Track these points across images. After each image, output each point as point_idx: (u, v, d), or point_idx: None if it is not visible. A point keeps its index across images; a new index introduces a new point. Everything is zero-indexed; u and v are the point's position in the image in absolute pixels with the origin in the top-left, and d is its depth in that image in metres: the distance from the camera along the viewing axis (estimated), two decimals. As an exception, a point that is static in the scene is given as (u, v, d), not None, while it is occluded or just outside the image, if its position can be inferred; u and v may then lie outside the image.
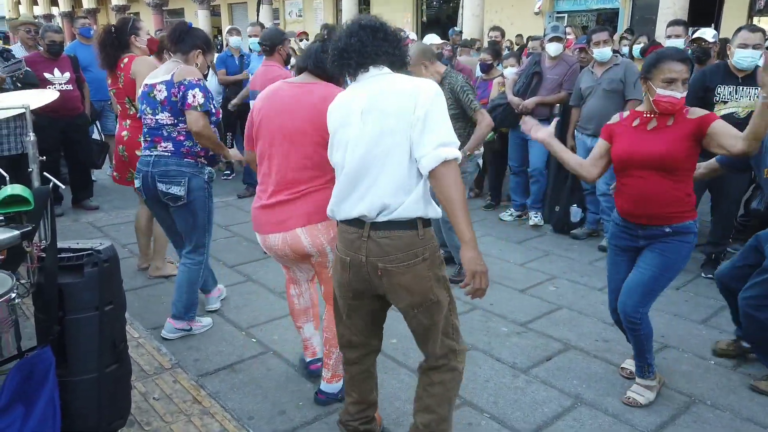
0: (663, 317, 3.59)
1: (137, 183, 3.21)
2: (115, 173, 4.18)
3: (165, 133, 3.08)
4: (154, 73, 3.12)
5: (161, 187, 3.08)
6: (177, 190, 3.07)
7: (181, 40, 3.09)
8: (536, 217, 5.43)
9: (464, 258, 1.93)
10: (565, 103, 5.13)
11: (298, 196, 2.43)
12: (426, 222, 2.02)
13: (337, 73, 2.16)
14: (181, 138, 3.06)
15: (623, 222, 2.69)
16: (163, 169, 3.07)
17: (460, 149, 1.97)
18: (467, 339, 3.15)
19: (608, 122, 2.74)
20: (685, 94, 2.46)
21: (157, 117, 3.07)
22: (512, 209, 5.68)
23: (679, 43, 4.83)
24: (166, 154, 3.08)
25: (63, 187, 2.75)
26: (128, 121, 3.98)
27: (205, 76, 3.39)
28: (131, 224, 5.26)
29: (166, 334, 3.27)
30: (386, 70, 2.05)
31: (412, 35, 8.61)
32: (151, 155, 3.12)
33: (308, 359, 2.87)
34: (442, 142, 1.89)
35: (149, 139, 3.15)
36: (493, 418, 2.61)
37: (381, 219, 1.97)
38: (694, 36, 4.57)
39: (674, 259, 2.57)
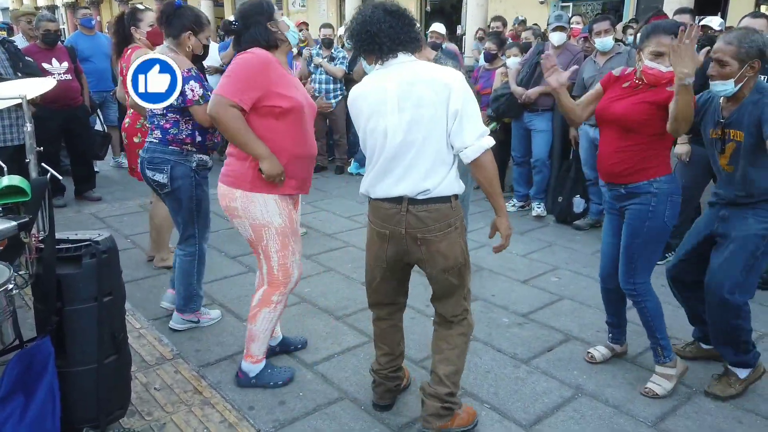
0: (666, 308, 3.54)
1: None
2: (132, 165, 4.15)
3: (156, 122, 3.08)
4: None
5: (148, 173, 3.11)
6: (160, 177, 3.06)
7: (168, 23, 2.97)
8: (539, 207, 5.41)
9: (502, 225, 2.26)
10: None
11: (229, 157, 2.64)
12: (456, 196, 2.22)
13: (362, 55, 2.23)
14: (168, 126, 3.04)
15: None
16: (150, 156, 3.08)
17: None
18: (468, 330, 3.14)
19: (613, 71, 2.74)
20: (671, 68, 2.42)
21: None
22: (515, 200, 5.66)
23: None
24: (155, 141, 3.09)
25: (60, 178, 2.74)
26: (131, 110, 4.00)
27: (203, 56, 3.20)
28: (134, 215, 5.29)
29: (173, 324, 3.25)
30: (412, 57, 2.16)
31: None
32: (146, 142, 3.15)
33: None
34: (480, 133, 2.12)
35: (148, 125, 3.20)
36: (493, 409, 2.61)
37: (420, 197, 2.16)
38: (701, 24, 4.52)
39: (638, 224, 2.61)
